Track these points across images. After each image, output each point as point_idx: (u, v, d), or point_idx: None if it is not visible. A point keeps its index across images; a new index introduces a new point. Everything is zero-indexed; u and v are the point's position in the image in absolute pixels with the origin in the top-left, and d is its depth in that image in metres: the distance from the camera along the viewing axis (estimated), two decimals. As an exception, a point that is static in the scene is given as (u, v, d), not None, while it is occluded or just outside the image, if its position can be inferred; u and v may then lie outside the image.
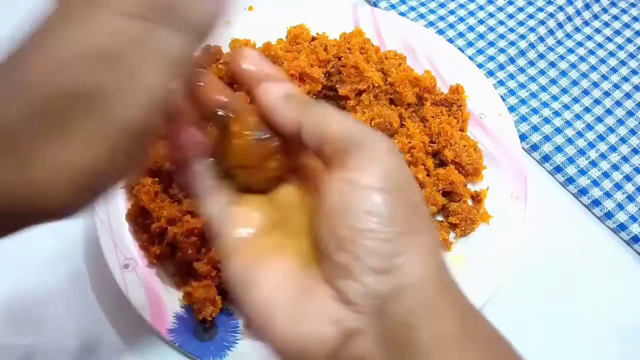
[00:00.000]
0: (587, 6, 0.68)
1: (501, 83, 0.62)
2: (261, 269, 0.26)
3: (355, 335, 0.23)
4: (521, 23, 0.67)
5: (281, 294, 0.25)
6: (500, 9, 0.69)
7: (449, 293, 0.24)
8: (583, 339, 0.49)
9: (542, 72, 0.64)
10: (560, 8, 0.67)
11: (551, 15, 0.67)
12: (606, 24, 0.67)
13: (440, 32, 0.66)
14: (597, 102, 0.61)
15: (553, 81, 0.63)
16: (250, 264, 0.26)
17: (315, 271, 0.25)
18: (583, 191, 0.55)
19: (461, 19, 0.68)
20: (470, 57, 0.63)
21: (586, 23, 0.68)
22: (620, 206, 0.54)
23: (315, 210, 0.26)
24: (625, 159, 0.57)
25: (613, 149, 0.58)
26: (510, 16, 0.68)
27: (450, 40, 0.65)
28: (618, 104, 0.61)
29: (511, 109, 0.60)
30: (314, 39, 0.58)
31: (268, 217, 0.28)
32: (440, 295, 0.24)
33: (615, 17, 0.68)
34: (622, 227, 0.53)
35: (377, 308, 0.23)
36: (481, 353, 0.24)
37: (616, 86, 0.62)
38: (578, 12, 0.68)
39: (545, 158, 0.57)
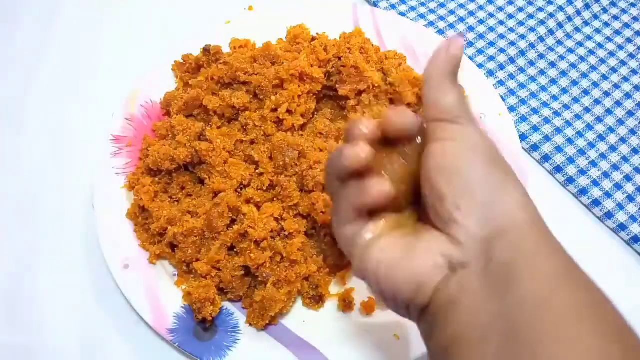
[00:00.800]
0: (587, 6, 0.68)
1: (501, 83, 0.62)
2: (374, 242, 0.31)
3: (461, 267, 0.28)
4: (521, 23, 0.67)
5: (395, 247, 0.30)
6: (500, 9, 0.69)
7: (547, 238, 0.28)
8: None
9: (542, 72, 0.64)
10: (560, 8, 0.67)
11: (551, 15, 0.67)
12: (606, 24, 0.67)
13: (440, 32, 0.66)
14: (597, 102, 0.61)
15: (553, 81, 0.63)
16: (368, 244, 0.32)
17: (424, 226, 0.31)
18: (583, 191, 0.55)
19: (461, 19, 0.68)
20: (470, 57, 0.63)
21: (586, 23, 0.68)
22: (620, 206, 0.54)
23: (421, 173, 0.31)
24: (625, 159, 0.57)
25: (613, 149, 0.58)
26: (510, 16, 0.68)
27: (450, 40, 0.65)
28: (618, 104, 0.61)
29: (511, 109, 0.60)
30: (314, 39, 0.58)
31: (389, 222, 0.33)
32: (539, 238, 0.28)
33: (615, 17, 0.68)
34: (622, 227, 0.53)
35: (481, 247, 0.28)
36: (579, 293, 0.26)
37: (616, 86, 0.62)
38: (578, 12, 0.68)
39: (545, 158, 0.57)
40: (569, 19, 0.67)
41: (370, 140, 0.32)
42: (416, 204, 0.33)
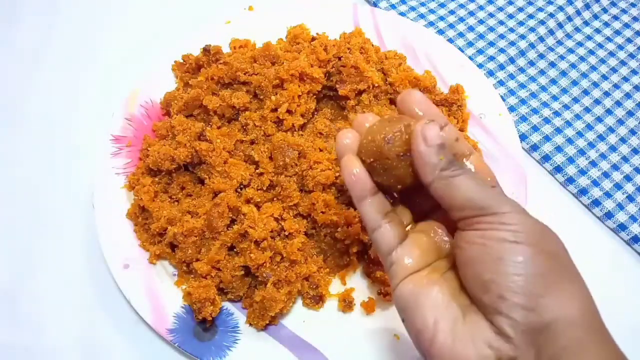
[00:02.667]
0: (587, 6, 0.68)
1: (501, 83, 0.62)
2: (424, 295, 0.30)
3: None
4: (521, 23, 0.67)
5: (442, 318, 0.29)
6: (500, 9, 0.69)
7: (602, 339, 0.27)
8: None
9: (542, 72, 0.64)
10: (560, 8, 0.67)
11: (551, 15, 0.67)
12: (606, 24, 0.67)
13: (440, 32, 0.66)
14: (597, 102, 0.61)
15: (553, 81, 0.63)
16: (417, 290, 0.31)
17: (466, 302, 0.30)
18: (583, 191, 0.55)
19: (461, 19, 0.68)
20: (470, 57, 0.63)
21: (586, 23, 0.68)
22: (620, 206, 0.54)
23: (457, 256, 0.30)
24: (625, 159, 0.57)
25: (613, 149, 0.58)
26: (510, 16, 0.68)
27: (450, 40, 0.65)
28: (618, 104, 0.61)
29: (511, 109, 0.60)
30: (314, 39, 0.58)
31: (427, 255, 0.32)
32: (592, 339, 0.27)
33: (615, 17, 0.68)
34: (622, 227, 0.53)
35: (530, 340, 0.27)
36: None
37: (616, 86, 0.62)
38: (578, 12, 0.68)
39: (545, 158, 0.57)
40: (569, 19, 0.67)
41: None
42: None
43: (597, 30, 0.67)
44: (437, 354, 0.29)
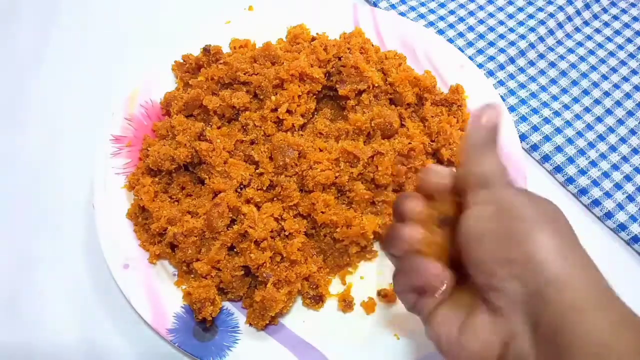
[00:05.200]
0: (587, 6, 0.68)
1: (501, 83, 0.62)
2: (433, 313, 0.32)
3: (512, 338, 0.27)
4: (521, 23, 0.67)
5: (451, 321, 0.30)
6: (500, 9, 0.69)
7: (596, 288, 0.27)
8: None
9: (542, 72, 0.64)
10: (560, 8, 0.67)
11: (551, 15, 0.67)
12: (606, 24, 0.67)
13: (440, 32, 0.66)
14: (597, 102, 0.61)
15: (553, 81, 0.63)
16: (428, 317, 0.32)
17: (476, 297, 0.30)
18: (583, 191, 0.55)
19: (461, 19, 0.68)
20: (470, 57, 0.63)
21: (586, 23, 0.68)
22: (620, 206, 0.54)
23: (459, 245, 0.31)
24: (625, 159, 0.57)
25: (613, 149, 0.58)
26: (510, 16, 0.68)
27: (450, 40, 0.65)
28: (618, 104, 0.61)
29: (511, 109, 0.60)
30: (314, 39, 0.58)
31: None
32: (586, 293, 0.26)
33: (615, 17, 0.68)
34: (622, 227, 0.53)
35: (524, 310, 0.27)
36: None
37: (616, 86, 0.62)
38: (578, 12, 0.68)
39: (545, 158, 0.57)
40: (569, 19, 0.67)
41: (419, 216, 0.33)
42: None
43: (597, 30, 0.67)
44: (453, 353, 0.30)
